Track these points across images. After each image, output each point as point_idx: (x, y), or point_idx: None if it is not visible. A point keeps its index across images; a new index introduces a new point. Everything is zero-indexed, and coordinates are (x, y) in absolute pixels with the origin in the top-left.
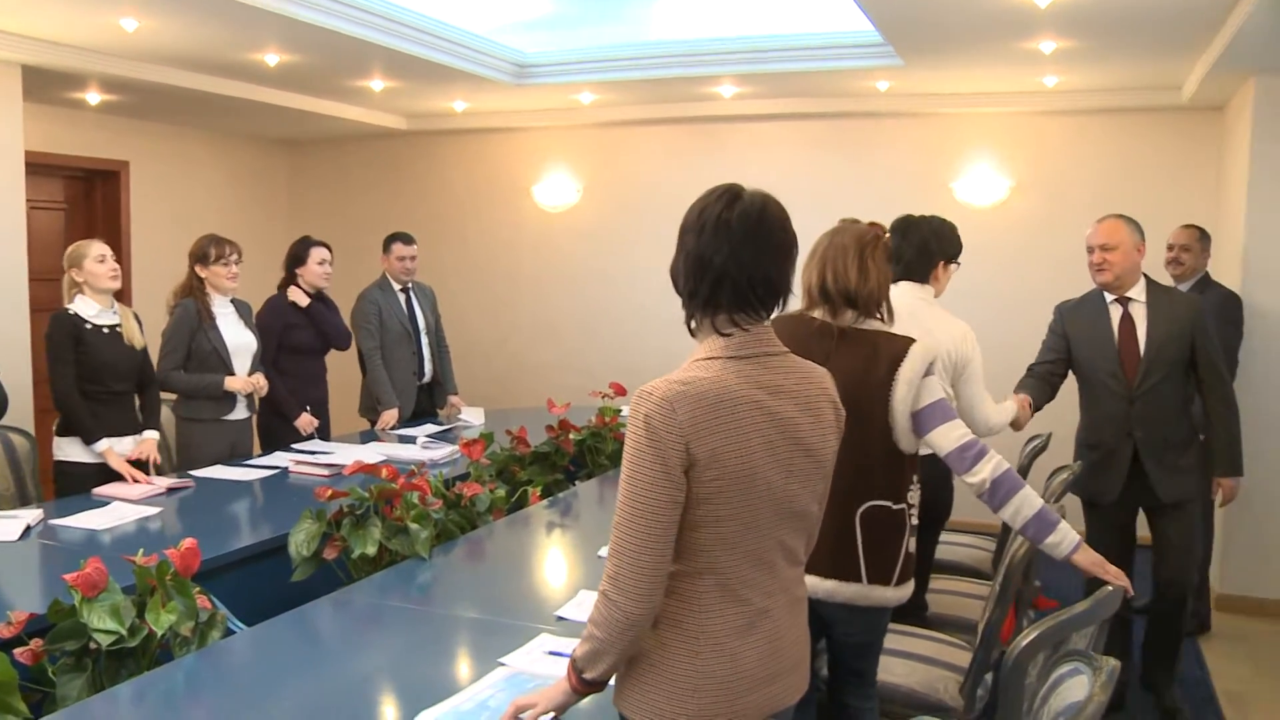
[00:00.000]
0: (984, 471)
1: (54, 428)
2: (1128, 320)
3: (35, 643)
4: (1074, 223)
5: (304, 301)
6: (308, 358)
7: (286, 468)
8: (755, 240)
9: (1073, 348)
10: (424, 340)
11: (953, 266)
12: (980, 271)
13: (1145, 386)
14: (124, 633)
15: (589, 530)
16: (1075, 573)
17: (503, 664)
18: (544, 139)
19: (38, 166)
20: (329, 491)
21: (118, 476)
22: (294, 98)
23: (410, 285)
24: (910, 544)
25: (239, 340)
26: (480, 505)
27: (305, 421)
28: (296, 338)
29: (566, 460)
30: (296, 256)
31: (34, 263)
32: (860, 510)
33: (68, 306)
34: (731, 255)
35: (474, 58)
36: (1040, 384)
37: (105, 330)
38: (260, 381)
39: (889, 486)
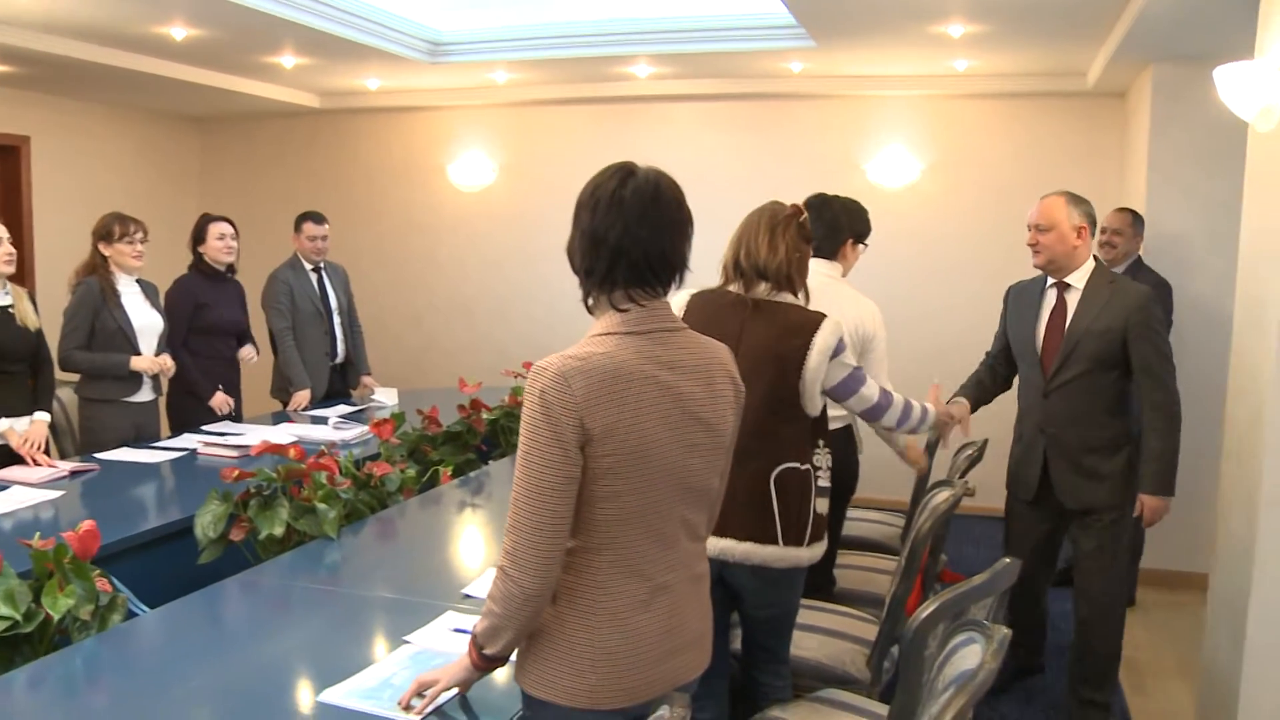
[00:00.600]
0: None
1: None
2: (1060, 308)
3: None
4: (984, 205)
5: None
6: (218, 338)
7: (195, 450)
8: (650, 217)
9: (1008, 332)
10: (336, 320)
11: (860, 246)
12: (892, 252)
13: (1058, 381)
14: (19, 618)
15: (500, 509)
16: (982, 548)
17: (407, 642)
18: (459, 118)
19: None
20: (235, 472)
21: (14, 459)
22: (203, 74)
23: (322, 265)
24: (819, 505)
25: (145, 320)
26: (390, 485)
27: (220, 401)
28: (207, 318)
29: (478, 439)
30: (196, 234)
31: None
32: (774, 474)
33: None
34: (626, 231)
35: (387, 35)
36: (980, 380)
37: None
38: (167, 363)
39: (798, 450)
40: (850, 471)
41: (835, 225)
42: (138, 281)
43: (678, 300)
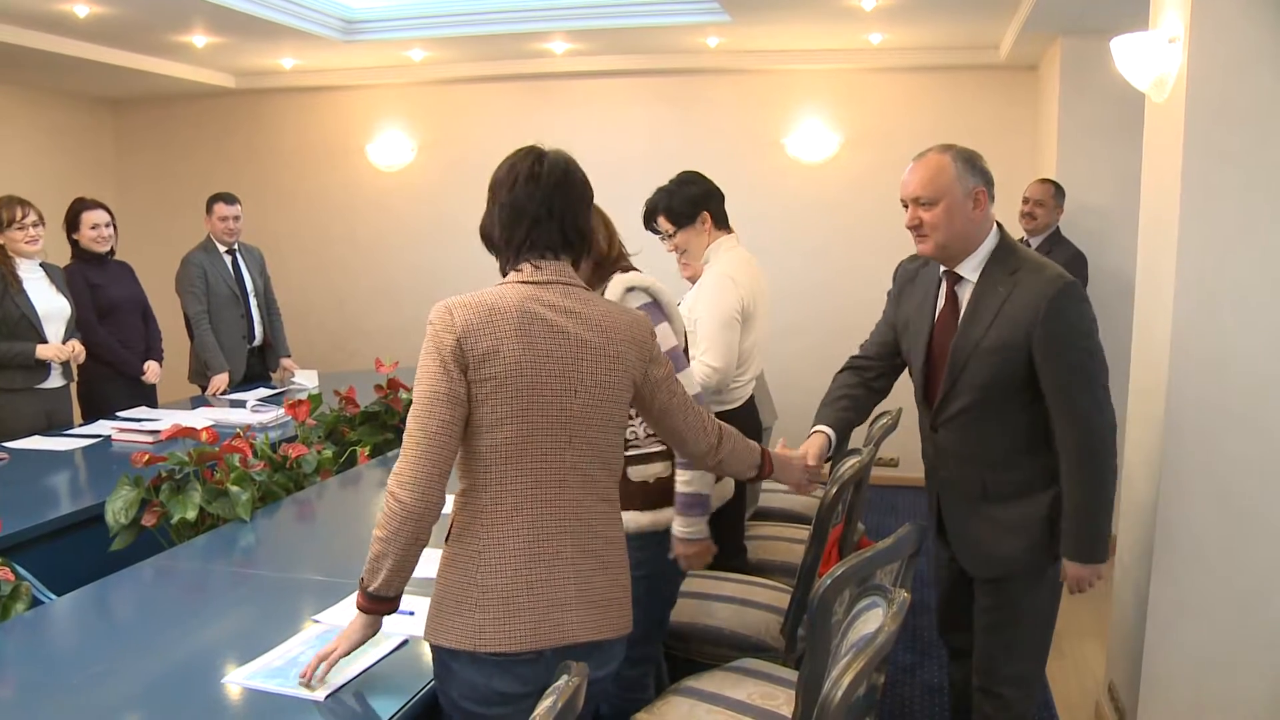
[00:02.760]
0: None
1: None
2: (950, 309)
3: None
4: (901, 177)
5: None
6: (123, 316)
7: (109, 436)
8: (563, 189)
9: (899, 334)
10: (253, 302)
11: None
12: (813, 227)
13: (945, 414)
14: None
15: None
16: (903, 518)
17: (317, 621)
18: (376, 97)
19: None
20: (146, 456)
21: None
22: (111, 53)
23: (237, 247)
24: (634, 473)
25: (51, 305)
26: (307, 466)
27: (154, 371)
28: (105, 298)
29: (397, 419)
30: (69, 221)
31: None
32: None
33: None
34: (544, 202)
35: (299, 13)
36: (849, 395)
37: None
38: (76, 349)
39: None
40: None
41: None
42: (42, 266)
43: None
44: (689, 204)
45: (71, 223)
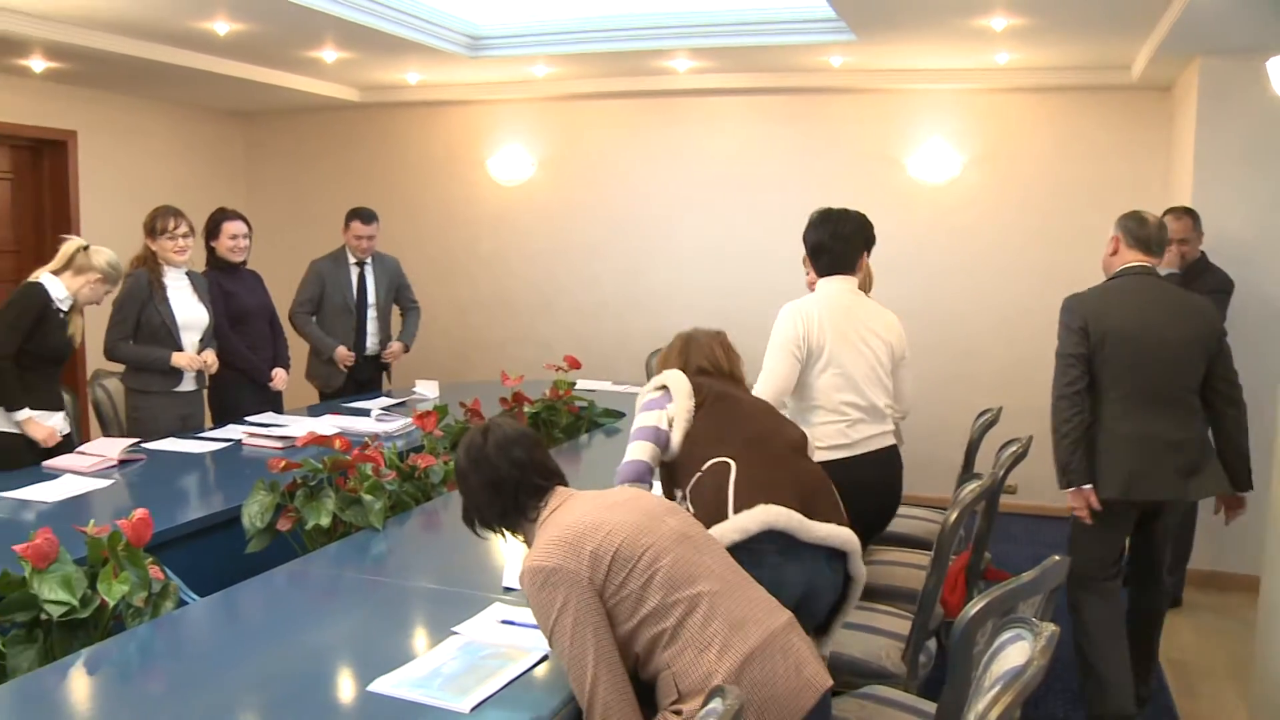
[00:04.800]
0: None
1: None
2: None
3: None
4: (1026, 200)
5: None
6: (252, 324)
7: (240, 440)
8: (515, 447)
9: None
10: (370, 315)
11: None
12: (932, 247)
13: None
14: (75, 604)
15: None
16: (1022, 545)
17: (456, 632)
18: (498, 112)
19: None
20: (282, 463)
21: (61, 450)
22: (246, 68)
23: (367, 260)
24: None
25: (190, 315)
26: (434, 477)
27: (281, 379)
28: (236, 305)
29: None
30: (209, 229)
31: None
32: None
33: (40, 280)
34: (510, 464)
35: (427, 29)
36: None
37: (62, 315)
38: (209, 358)
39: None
40: (890, 493)
41: (851, 238)
42: (188, 274)
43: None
44: (806, 244)
45: (212, 231)
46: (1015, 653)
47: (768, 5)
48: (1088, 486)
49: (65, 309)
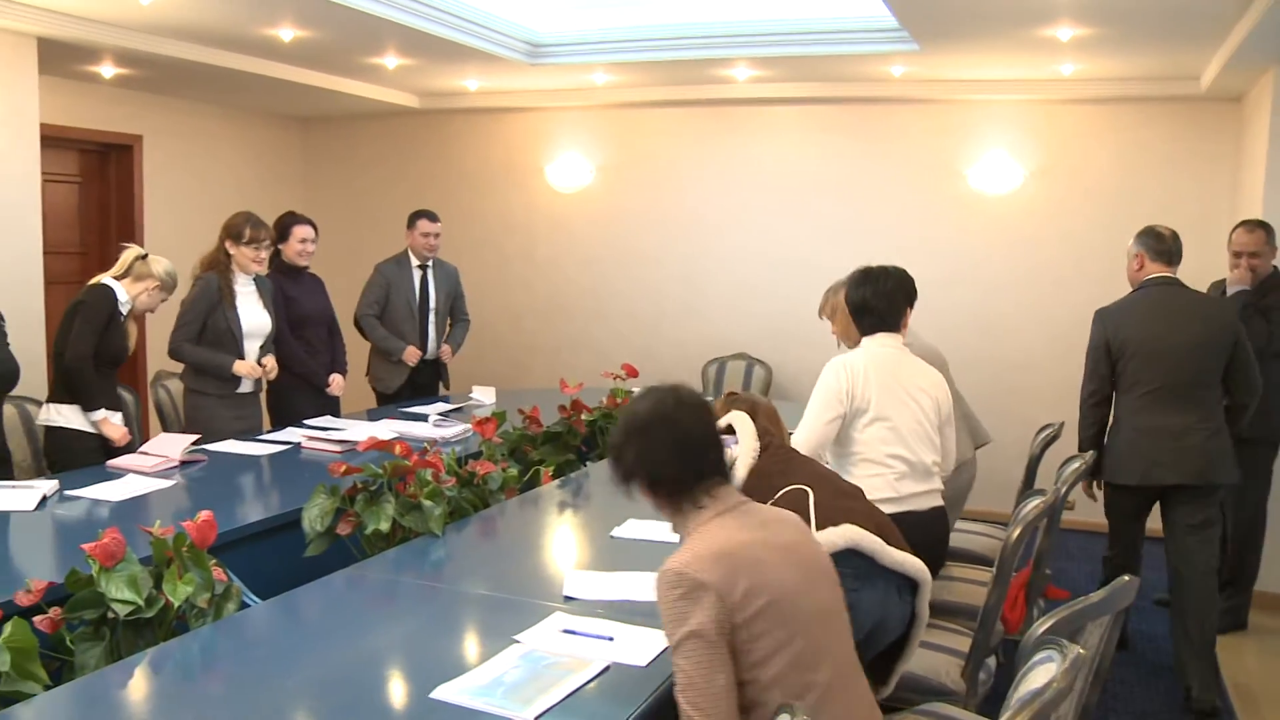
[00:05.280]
0: None
1: (49, 396)
2: None
3: (54, 611)
4: (1088, 212)
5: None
6: (310, 329)
7: (299, 443)
8: (699, 414)
9: None
10: (431, 319)
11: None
12: (992, 259)
13: None
14: (141, 603)
15: (600, 511)
16: (1079, 563)
17: (517, 641)
18: (557, 119)
19: (52, 139)
20: (343, 467)
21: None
22: (308, 74)
23: (430, 263)
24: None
25: (255, 322)
26: (493, 483)
27: (338, 384)
28: (296, 311)
29: (578, 440)
30: (279, 232)
31: (47, 236)
32: None
33: (108, 284)
34: (703, 427)
35: (488, 36)
36: None
37: (123, 319)
38: (269, 366)
39: None
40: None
41: (893, 294)
42: (254, 279)
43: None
44: (848, 304)
45: (281, 233)
46: (1041, 673)
47: (830, 15)
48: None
49: (125, 313)
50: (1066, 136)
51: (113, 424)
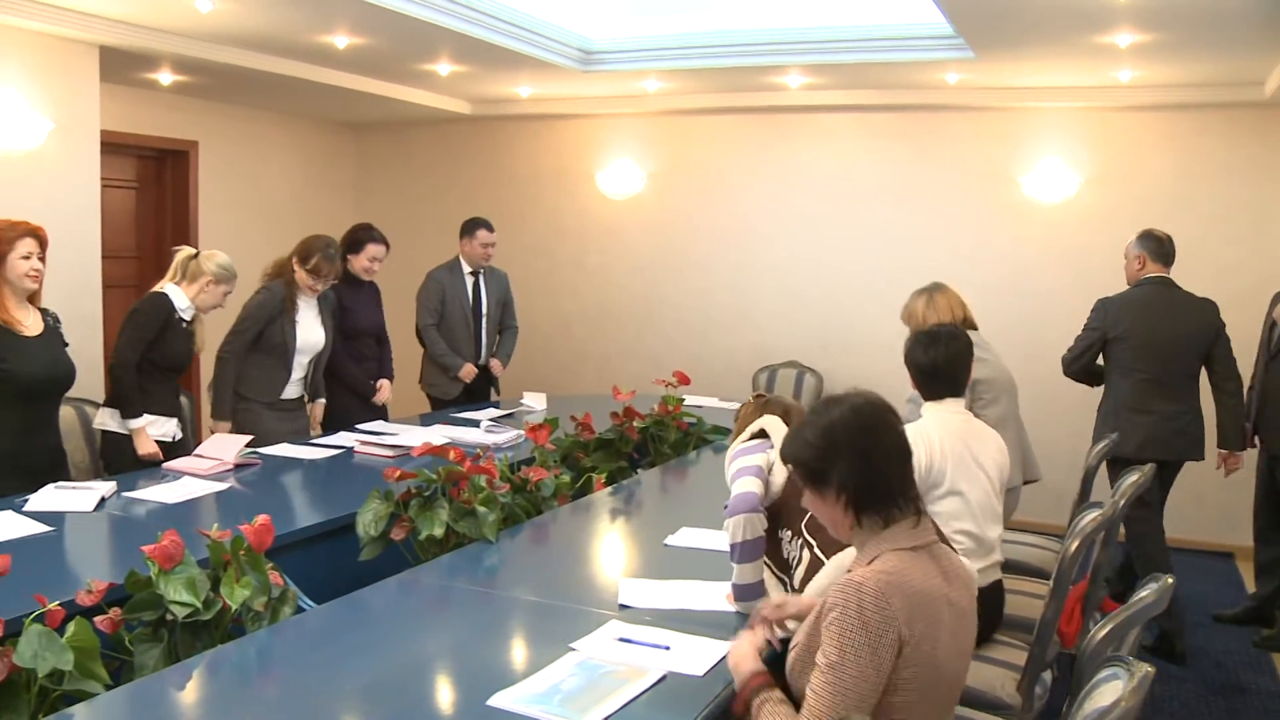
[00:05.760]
0: None
1: (105, 401)
2: None
3: (114, 612)
4: (1144, 220)
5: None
6: (359, 340)
7: (351, 448)
8: (900, 427)
9: None
10: (484, 325)
11: None
12: (1047, 268)
13: None
14: (199, 606)
15: (653, 518)
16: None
17: (573, 649)
18: (609, 126)
19: (110, 145)
20: (397, 472)
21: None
22: (362, 81)
23: (481, 270)
24: None
25: (309, 338)
26: (545, 490)
27: (385, 390)
28: (348, 322)
29: (630, 447)
30: (350, 244)
31: (105, 240)
32: None
33: (164, 290)
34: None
35: (541, 43)
36: None
37: (185, 324)
38: (317, 416)
39: None
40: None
41: (961, 358)
42: None
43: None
44: (904, 359)
45: (352, 246)
46: (1108, 691)
47: (885, 22)
48: None
49: (188, 318)
50: (1122, 144)
51: (146, 438)
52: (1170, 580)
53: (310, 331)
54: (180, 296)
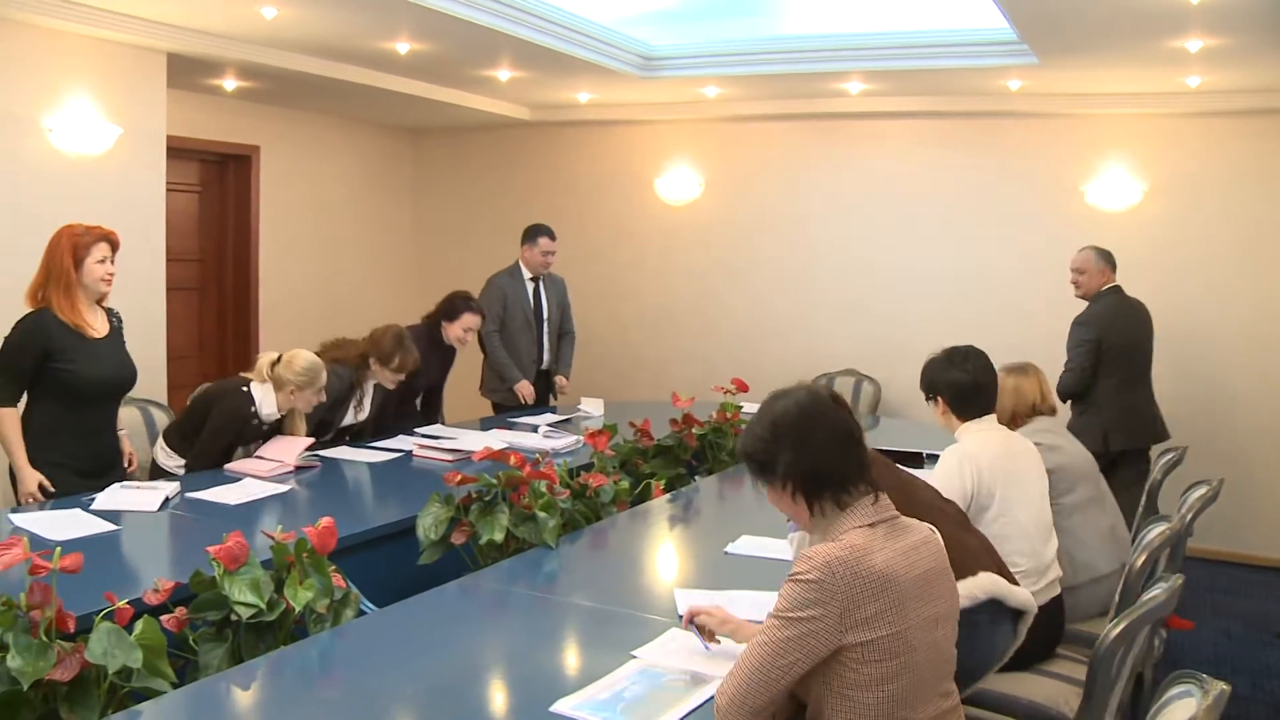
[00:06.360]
0: None
1: (164, 435)
2: None
3: (179, 611)
4: (1209, 228)
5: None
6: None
7: (410, 451)
8: (848, 412)
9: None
10: (546, 330)
11: None
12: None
13: None
14: (263, 607)
15: (712, 527)
16: (1198, 592)
17: (635, 656)
18: (667, 132)
19: (175, 150)
20: (458, 476)
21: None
22: (422, 86)
23: (541, 276)
24: None
25: (356, 418)
26: (604, 496)
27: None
28: (420, 382)
29: (689, 454)
30: (447, 310)
31: (168, 243)
32: None
33: (250, 390)
34: (855, 425)
35: (601, 49)
36: None
37: (265, 427)
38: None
39: None
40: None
41: (990, 370)
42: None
43: None
44: (928, 385)
45: (449, 312)
46: (1180, 709)
47: (947, 28)
48: None
49: (269, 423)
50: (1187, 151)
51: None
52: (1180, 580)
53: (360, 412)
54: (268, 400)
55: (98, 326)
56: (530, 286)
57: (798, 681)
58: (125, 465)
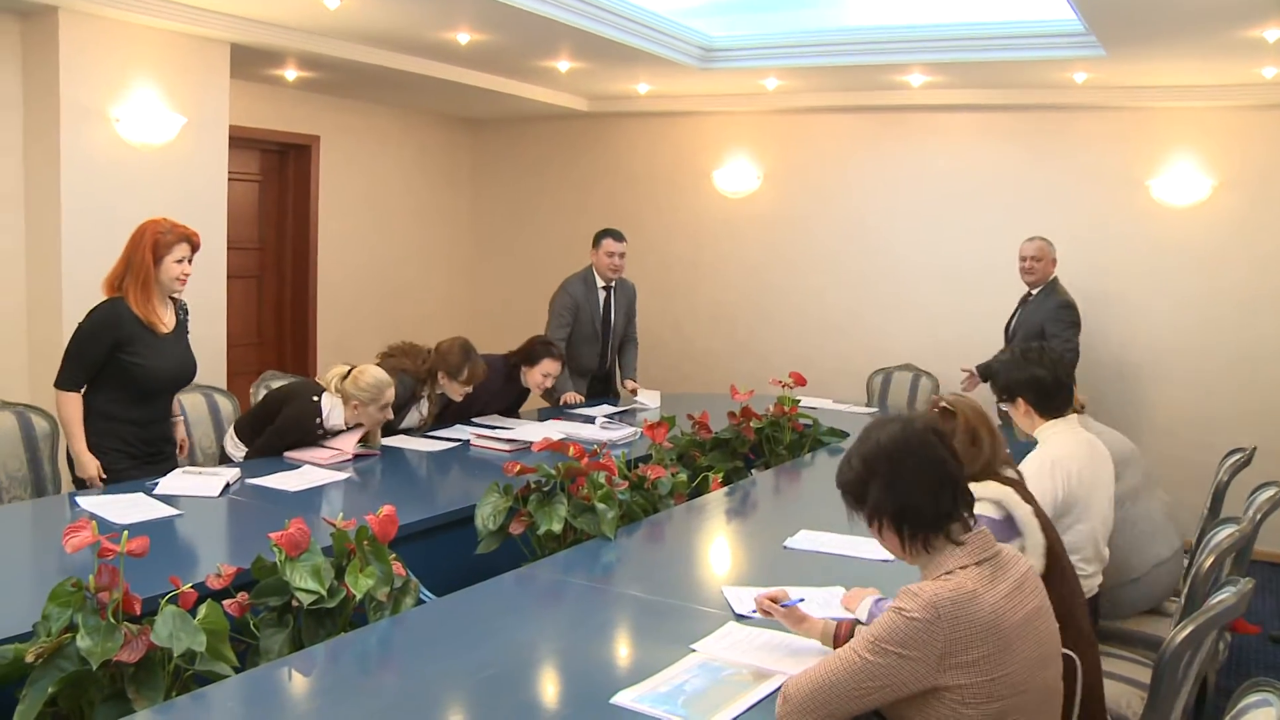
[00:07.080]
0: None
1: (235, 426)
2: None
3: (241, 596)
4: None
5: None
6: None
7: (468, 441)
8: (946, 444)
9: None
10: (611, 340)
11: None
12: (1175, 274)
13: None
14: (324, 593)
15: (769, 521)
16: (1265, 595)
17: (694, 650)
18: (726, 124)
19: (236, 140)
20: (517, 466)
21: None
22: (482, 77)
23: (614, 283)
24: None
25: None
26: (662, 488)
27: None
28: (474, 407)
29: (746, 448)
30: (527, 356)
31: (229, 232)
32: None
33: (320, 401)
34: (954, 460)
35: (661, 40)
36: None
37: (327, 433)
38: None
39: None
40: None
41: (1064, 366)
42: None
43: None
44: (1005, 387)
45: (529, 359)
46: (1260, 718)
47: (1011, 19)
48: None
49: (333, 433)
50: (1259, 144)
51: None
52: (1250, 584)
53: (422, 419)
54: (336, 413)
55: (167, 321)
56: (602, 296)
57: (889, 706)
58: (176, 451)
